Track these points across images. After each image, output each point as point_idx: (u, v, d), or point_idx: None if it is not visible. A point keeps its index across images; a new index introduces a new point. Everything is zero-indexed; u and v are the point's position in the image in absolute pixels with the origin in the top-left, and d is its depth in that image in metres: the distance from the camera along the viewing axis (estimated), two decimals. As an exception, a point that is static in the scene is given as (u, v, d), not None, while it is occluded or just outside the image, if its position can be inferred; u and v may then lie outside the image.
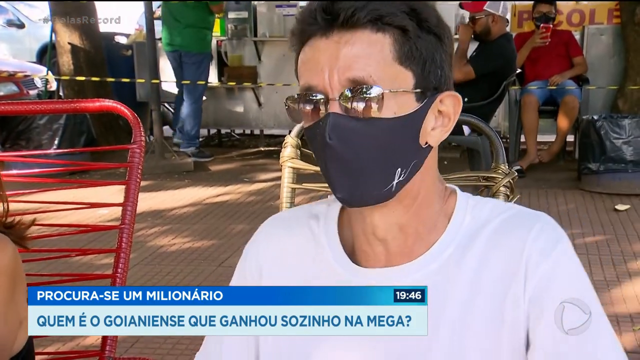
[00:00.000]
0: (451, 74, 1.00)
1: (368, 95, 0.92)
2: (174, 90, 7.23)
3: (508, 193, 1.52)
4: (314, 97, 0.94)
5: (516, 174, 1.53)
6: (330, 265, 1.04)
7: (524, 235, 0.98)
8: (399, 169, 0.95)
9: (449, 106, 0.99)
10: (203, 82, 6.77)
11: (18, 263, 1.24)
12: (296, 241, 1.08)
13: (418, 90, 0.95)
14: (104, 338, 1.61)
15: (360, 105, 0.92)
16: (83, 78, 6.81)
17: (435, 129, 0.98)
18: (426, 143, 0.98)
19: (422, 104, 0.95)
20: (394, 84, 0.93)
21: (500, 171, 1.52)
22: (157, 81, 6.65)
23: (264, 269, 1.10)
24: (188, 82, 6.71)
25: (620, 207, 4.97)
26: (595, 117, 5.51)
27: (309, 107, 0.95)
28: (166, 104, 8.02)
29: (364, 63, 0.92)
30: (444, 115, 0.99)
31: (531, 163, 6.03)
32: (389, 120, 0.93)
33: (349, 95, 0.92)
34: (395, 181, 0.95)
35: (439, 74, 0.97)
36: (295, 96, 0.97)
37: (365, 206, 0.98)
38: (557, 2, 6.58)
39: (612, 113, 6.18)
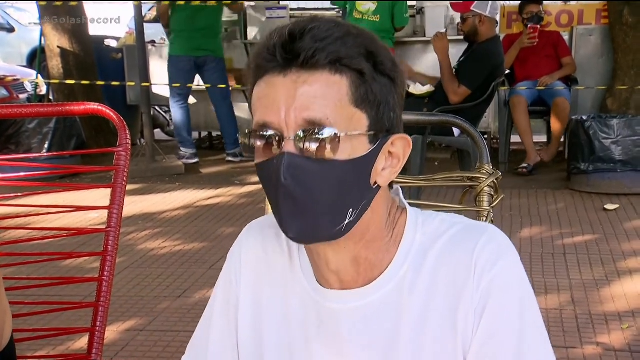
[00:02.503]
0: (401, 116, 1.02)
1: (323, 137, 0.92)
2: (165, 93, 7.21)
3: (492, 193, 1.53)
4: (269, 134, 0.94)
5: (500, 174, 1.54)
6: (299, 280, 1.08)
7: (471, 249, 1.00)
8: (351, 210, 0.96)
9: (399, 148, 1.01)
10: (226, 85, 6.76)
11: None
12: (273, 249, 1.11)
13: (372, 132, 0.96)
14: (90, 341, 1.61)
15: (314, 147, 0.92)
16: (73, 82, 6.79)
17: (385, 170, 1.00)
18: (375, 183, 0.99)
19: (374, 146, 0.97)
20: (349, 126, 0.94)
21: (484, 171, 1.53)
22: (147, 84, 6.64)
23: (243, 273, 1.12)
24: (224, 85, 6.69)
25: (609, 206, 4.99)
26: (584, 118, 5.54)
27: (262, 143, 0.95)
28: (157, 107, 8.01)
29: (321, 104, 0.92)
30: (394, 157, 1.01)
31: (535, 162, 6.04)
32: (343, 162, 0.94)
33: (304, 135, 0.92)
34: (346, 221, 0.97)
35: (392, 117, 0.98)
36: (249, 132, 0.97)
37: (316, 243, 1.00)
38: (546, 3, 6.61)
39: (601, 113, 6.21)
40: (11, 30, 13.11)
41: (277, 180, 0.93)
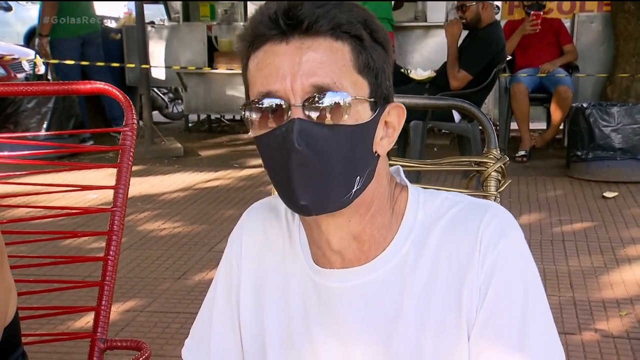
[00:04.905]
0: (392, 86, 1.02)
1: (333, 102, 0.91)
2: (164, 75, 7.19)
3: (500, 178, 1.53)
4: (274, 103, 0.92)
5: (507, 159, 1.54)
6: (300, 261, 1.07)
7: (475, 227, 1.00)
8: (358, 177, 0.96)
9: (394, 117, 1.01)
10: None
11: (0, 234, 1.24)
12: (274, 231, 1.10)
13: (372, 99, 0.96)
14: (96, 320, 1.61)
15: (324, 112, 0.92)
16: (72, 62, 6.75)
17: (384, 139, 1.00)
18: (375, 152, 0.99)
19: (375, 113, 0.97)
20: (354, 91, 0.93)
21: (492, 156, 1.53)
22: (146, 66, 6.61)
23: (244, 257, 1.12)
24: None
25: (608, 194, 5.00)
26: (585, 105, 5.53)
27: (266, 114, 0.93)
28: (155, 89, 7.98)
29: (328, 69, 0.92)
30: (390, 126, 1.01)
31: (530, 147, 6.06)
32: (352, 127, 0.94)
33: (313, 101, 0.91)
34: (355, 189, 0.96)
35: (388, 85, 0.98)
36: (247, 103, 0.95)
37: (324, 214, 0.97)
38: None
39: (601, 101, 6.21)
40: (8, 9, 13.01)
41: (290, 147, 0.91)
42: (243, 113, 0.96)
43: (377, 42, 0.96)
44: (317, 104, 0.91)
